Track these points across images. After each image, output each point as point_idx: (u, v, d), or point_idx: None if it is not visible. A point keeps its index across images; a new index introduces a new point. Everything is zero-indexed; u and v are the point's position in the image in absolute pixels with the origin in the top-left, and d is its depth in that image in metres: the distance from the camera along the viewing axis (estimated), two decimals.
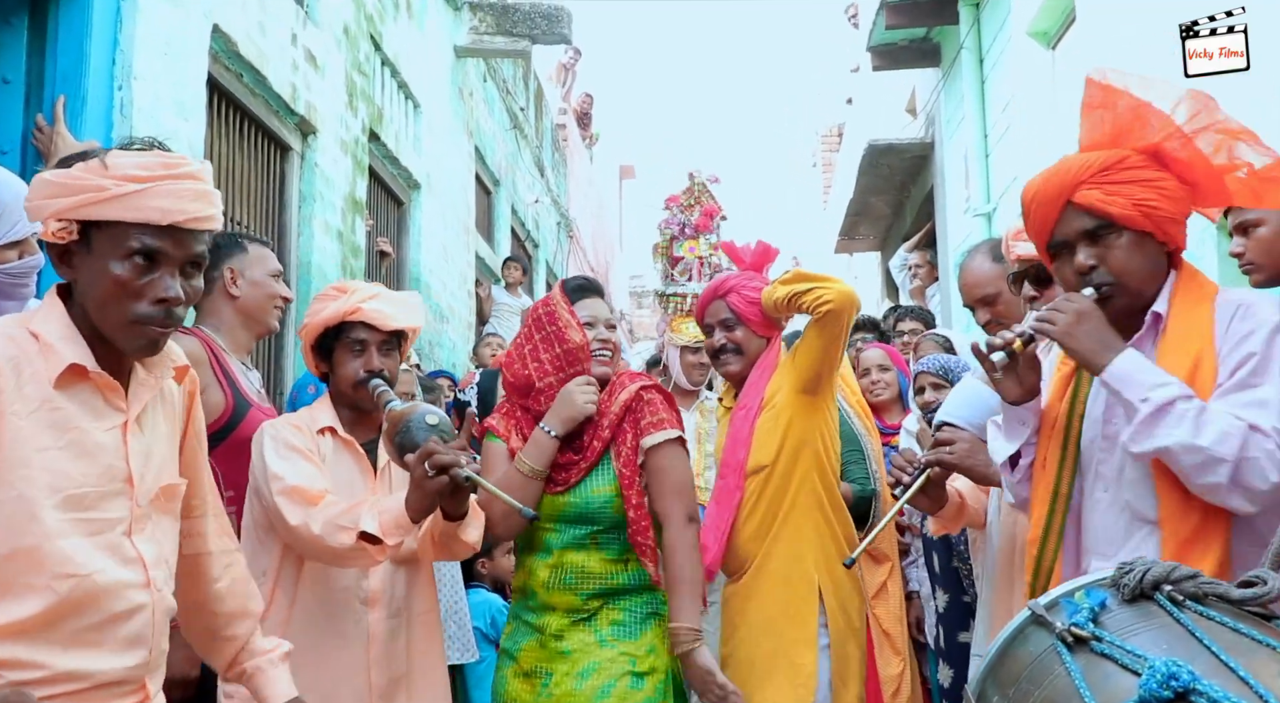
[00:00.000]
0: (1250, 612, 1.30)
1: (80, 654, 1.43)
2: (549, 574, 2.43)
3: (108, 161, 1.47)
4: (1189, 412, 1.61)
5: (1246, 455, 1.57)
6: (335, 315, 2.34)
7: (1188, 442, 1.59)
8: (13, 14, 2.98)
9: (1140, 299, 1.78)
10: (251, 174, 4.36)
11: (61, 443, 1.45)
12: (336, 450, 2.35)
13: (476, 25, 7.63)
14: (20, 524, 1.40)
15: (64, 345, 1.48)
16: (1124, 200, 1.73)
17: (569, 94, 14.89)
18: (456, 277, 7.51)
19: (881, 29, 8.54)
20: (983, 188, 7.60)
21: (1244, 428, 1.58)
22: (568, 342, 2.47)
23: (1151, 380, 1.65)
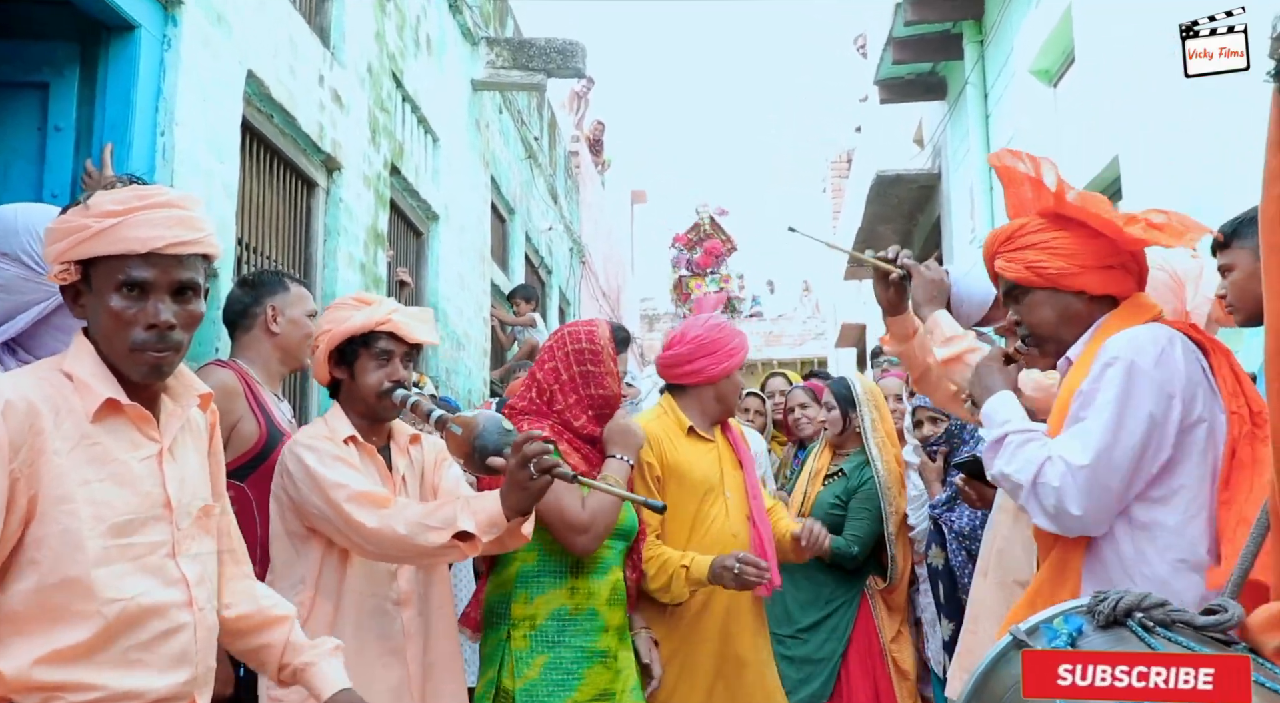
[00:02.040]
0: (1212, 637, 1.43)
1: (132, 674, 1.51)
2: (609, 592, 2.54)
3: (89, 202, 1.56)
4: (1012, 444, 1.90)
5: (1038, 481, 1.82)
6: (365, 325, 2.36)
7: (1003, 469, 1.91)
8: (65, 66, 3.15)
9: (1061, 346, 2.02)
10: (281, 210, 4.53)
11: (102, 475, 1.53)
12: (360, 459, 2.37)
13: (493, 60, 7.81)
14: (67, 556, 1.48)
15: (97, 382, 1.57)
16: (1017, 266, 2.01)
17: (582, 122, 15.10)
18: (473, 305, 7.66)
19: (889, 63, 8.71)
20: (987, 219, 7.74)
21: (1043, 457, 1.83)
22: (605, 389, 2.61)
23: (1000, 418, 1.96)
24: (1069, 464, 1.79)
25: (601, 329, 2.68)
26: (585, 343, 2.63)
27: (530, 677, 2.43)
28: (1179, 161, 4.56)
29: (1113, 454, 1.78)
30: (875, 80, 9.37)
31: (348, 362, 2.41)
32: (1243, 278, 2.20)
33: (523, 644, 2.46)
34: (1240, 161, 3.96)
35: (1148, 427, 1.79)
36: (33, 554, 1.48)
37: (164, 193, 1.61)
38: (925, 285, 2.47)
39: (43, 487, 1.48)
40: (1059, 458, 1.81)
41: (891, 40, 8.39)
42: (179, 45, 3.37)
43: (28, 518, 1.48)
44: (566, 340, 2.65)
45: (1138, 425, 1.78)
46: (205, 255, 1.65)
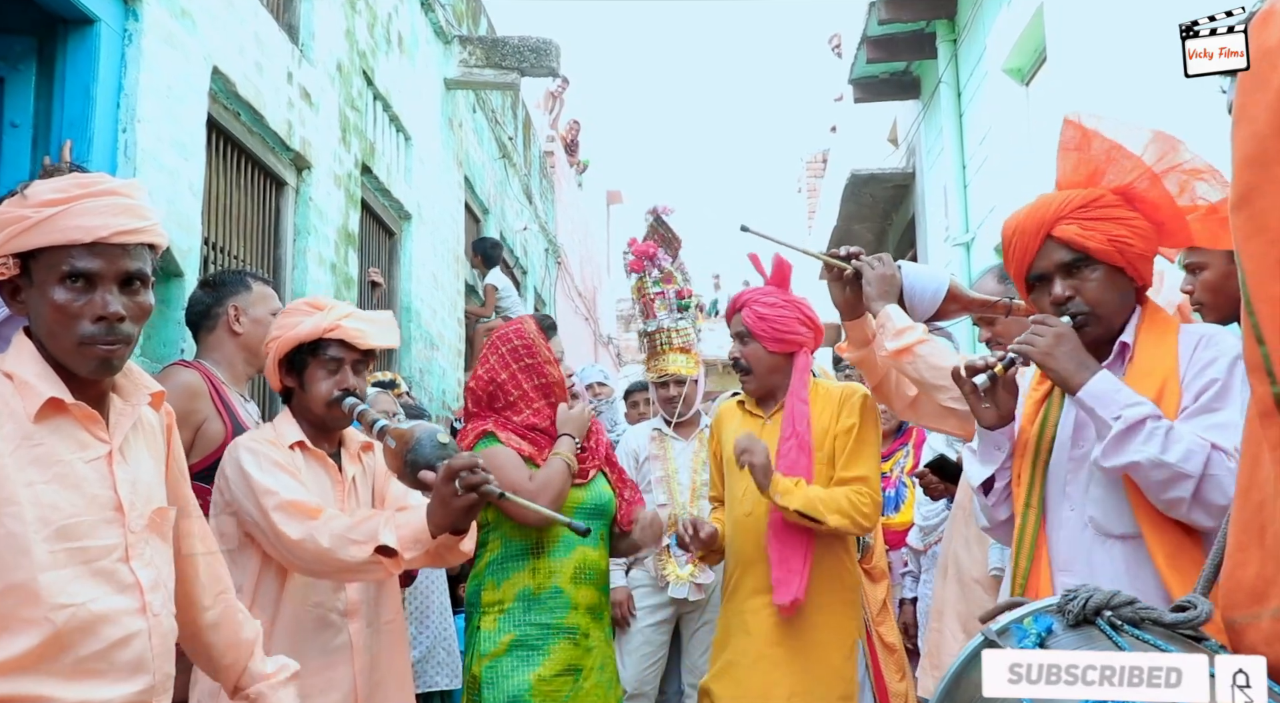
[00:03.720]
0: (1183, 634, 1.42)
1: (85, 685, 1.45)
2: (574, 571, 2.63)
3: (26, 192, 1.50)
4: (1159, 430, 1.71)
5: (1209, 473, 1.67)
6: (313, 331, 2.29)
7: (1156, 457, 1.69)
8: (21, 60, 3.08)
9: (1110, 330, 1.90)
10: (248, 210, 4.47)
11: (47, 477, 1.47)
12: (307, 464, 2.32)
13: (466, 58, 7.76)
14: (12, 560, 1.42)
15: (39, 381, 1.50)
16: (1100, 236, 1.85)
17: (556, 122, 15.05)
18: (447, 305, 7.61)
19: (863, 62, 8.74)
20: (962, 217, 7.78)
21: (1208, 446, 1.69)
22: (548, 376, 2.75)
23: (1124, 400, 1.75)
24: (1235, 453, 1.65)
25: (528, 324, 2.82)
26: (517, 340, 2.76)
27: (496, 654, 2.56)
28: None
29: None
30: (850, 79, 9.40)
31: (297, 370, 2.35)
32: (1215, 278, 2.19)
33: (491, 626, 2.59)
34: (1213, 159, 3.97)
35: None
36: None
37: (106, 180, 1.55)
38: (876, 280, 2.44)
39: None
40: (1233, 451, 1.65)
41: (865, 39, 8.42)
42: (140, 40, 3.31)
43: None
44: (499, 343, 2.79)
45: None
46: (152, 245, 1.59)
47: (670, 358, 4.17)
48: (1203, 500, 1.68)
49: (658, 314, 4.23)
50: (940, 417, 2.47)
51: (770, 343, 2.83)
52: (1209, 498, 1.68)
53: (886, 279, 2.43)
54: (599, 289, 17.63)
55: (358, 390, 2.34)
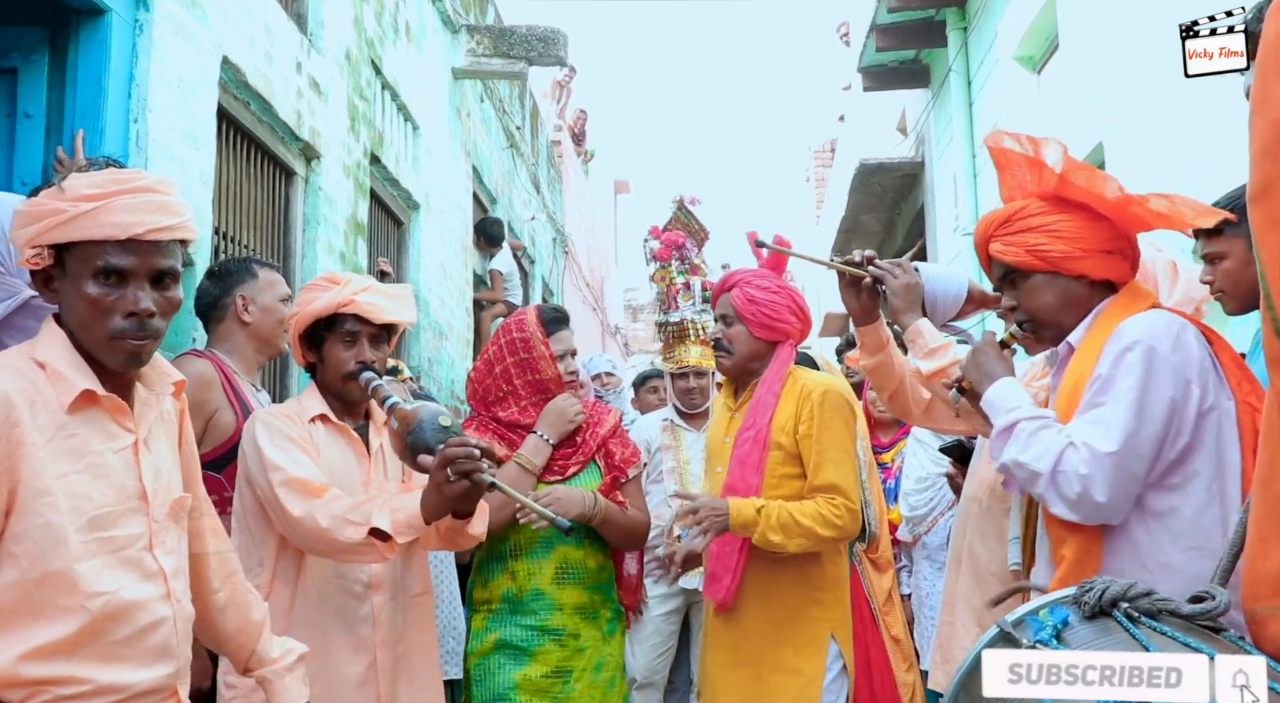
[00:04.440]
0: (1201, 625, 1.42)
1: (116, 668, 1.50)
2: (555, 571, 2.56)
3: (64, 185, 1.51)
4: (1024, 431, 1.82)
5: (1058, 469, 1.75)
6: (328, 306, 2.31)
7: (1016, 457, 1.82)
8: (34, 51, 3.08)
9: (1061, 331, 1.97)
10: (258, 199, 4.47)
11: (79, 467, 1.50)
12: (330, 437, 2.34)
13: (474, 48, 7.75)
14: (48, 550, 1.46)
15: (72, 372, 1.53)
16: (1018, 249, 1.95)
17: (564, 111, 15.02)
18: (455, 294, 7.61)
19: (872, 51, 8.70)
20: (971, 207, 7.75)
21: (1063, 444, 1.76)
22: (540, 373, 2.66)
23: (1007, 405, 1.88)
24: (1094, 451, 1.74)
25: (529, 316, 2.71)
26: (515, 333, 2.68)
27: (483, 652, 2.56)
28: (1164, 148, 4.56)
29: (1138, 440, 1.74)
30: (858, 68, 9.37)
31: (316, 344, 2.37)
32: (1236, 266, 2.18)
33: (480, 625, 2.60)
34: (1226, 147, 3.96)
35: (1169, 412, 1.75)
36: (11, 548, 1.45)
37: (142, 176, 1.57)
38: (901, 292, 2.37)
39: (22, 480, 1.45)
40: (1082, 445, 1.75)
41: (874, 28, 8.38)
42: (151, 30, 3.30)
43: (7, 511, 1.45)
44: (500, 335, 2.71)
45: (1160, 411, 1.75)
46: (183, 240, 1.62)
47: (691, 349, 4.17)
48: (1056, 494, 1.76)
49: (681, 305, 4.23)
50: (952, 420, 2.48)
51: (757, 328, 2.71)
52: (1059, 492, 1.76)
53: (911, 289, 2.37)
54: (606, 279, 17.62)
55: (376, 364, 2.36)
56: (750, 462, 2.61)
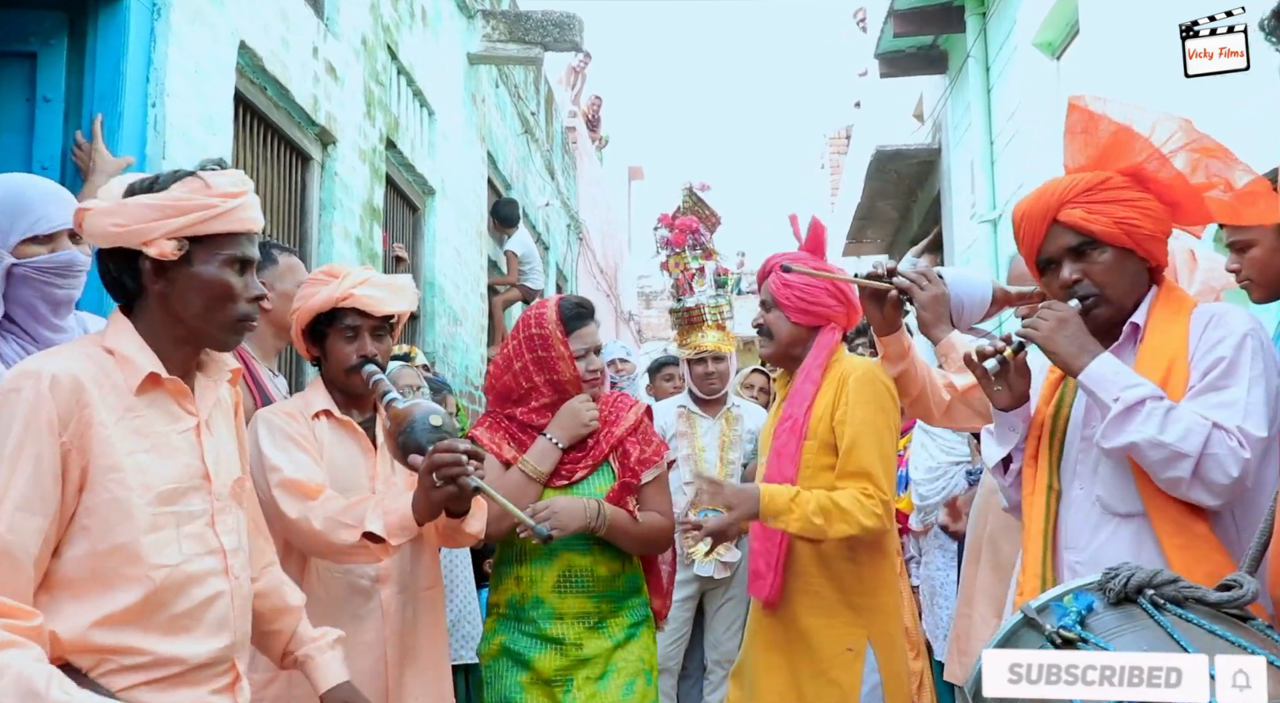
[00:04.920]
0: (1228, 614, 1.41)
1: (175, 640, 1.58)
2: (557, 579, 2.47)
3: (209, 181, 1.65)
4: (1157, 410, 1.72)
5: (1208, 452, 1.67)
6: (327, 301, 2.33)
7: (1154, 438, 1.70)
8: (53, 36, 3.09)
9: (1122, 311, 1.90)
10: (275, 184, 4.48)
11: (146, 446, 1.59)
12: (334, 432, 2.35)
13: (489, 33, 7.73)
14: (117, 523, 1.54)
15: (140, 357, 1.63)
16: (1106, 219, 1.86)
17: (579, 97, 14.98)
18: (470, 280, 7.62)
19: (889, 37, 8.63)
20: (989, 194, 7.69)
21: (1208, 425, 1.69)
22: (559, 374, 2.52)
23: (1124, 381, 1.77)
24: (1248, 436, 1.68)
25: (549, 311, 2.57)
26: (535, 329, 2.54)
27: (491, 654, 2.51)
28: None
29: (1273, 428, 1.72)
30: (875, 54, 9.28)
31: (319, 339, 2.39)
32: (1265, 253, 2.15)
33: (490, 626, 2.55)
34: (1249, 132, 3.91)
35: (1278, 400, 1.74)
36: (84, 522, 1.54)
37: (246, 178, 1.73)
38: (929, 304, 2.31)
39: (93, 457, 1.53)
40: (1234, 429, 1.68)
41: (892, 13, 8.31)
42: (169, 15, 3.31)
43: (80, 487, 1.53)
44: (520, 328, 2.59)
45: (1276, 399, 1.74)
46: None
47: (708, 334, 4.16)
48: (1203, 479, 1.69)
49: (695, 290, 4.22)
50: (972, 419, 2.45)
51: (795, 313, 2.61)
52: (1209, 477, 1.68)
53: (939, 301, 2.31)
54: (620, 265, 17.60)
55: (378, 357, 2.37)
56: (786, 453, 2.54)
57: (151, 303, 1.66)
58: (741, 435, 4.11)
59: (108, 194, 1.66)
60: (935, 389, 2.43)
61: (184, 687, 1.58)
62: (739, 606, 3.96)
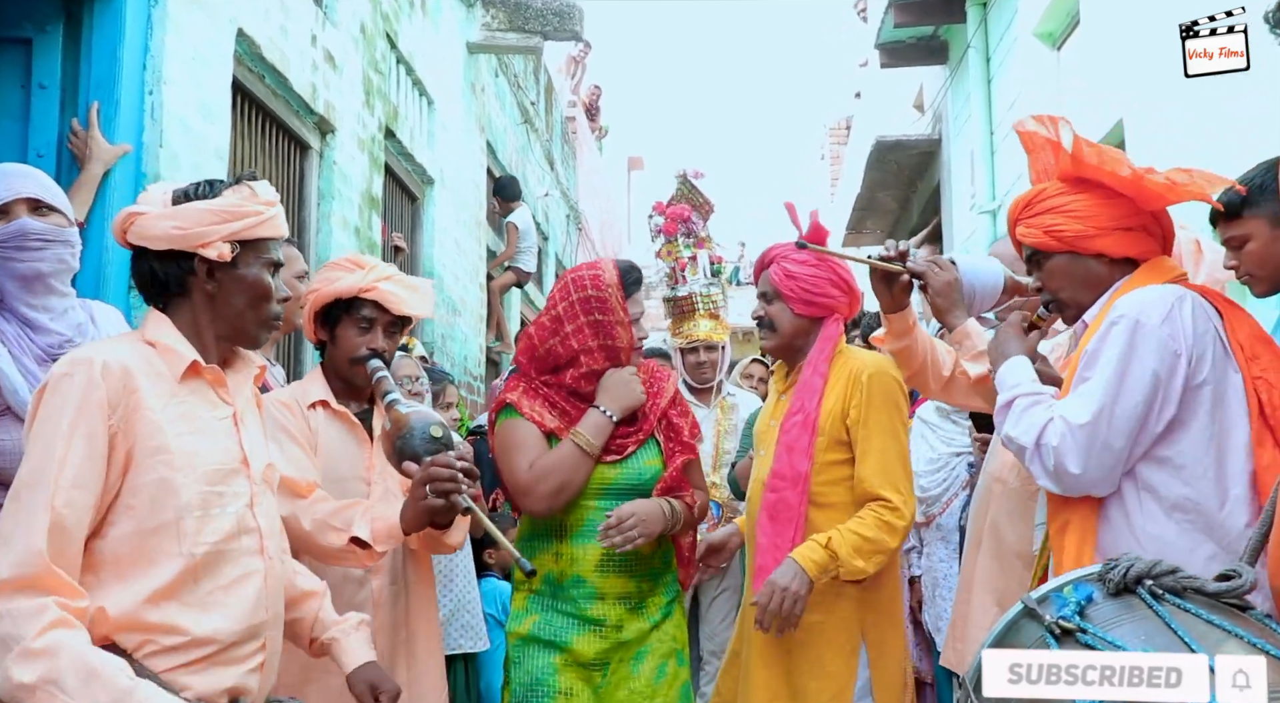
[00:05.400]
0: (1226, 603, 1.41)
1: (212, 616, 1.63)
2: (600, 557, 2.38)
3: (256, 188, 1.77)
4: (1019, 406, 1.89)
5: (1041, 442, 1.82)
6: (350, 289, 2.32)
7: (1008, 432, 1.89)
8: (49, 22, 3.07)
9: (1080, 310, 2.01)
10: (273, 173, 4.46)
11: (191, 429, 1.67)
12: (330, 423, 2.33)
13: (489, 22, 7.70)
14: (164, 501, 1.61)
15: (181, 347, 1.71)
16: (1038, 230, 2.00)
17: (578, 87, 14.94)
18: (469, 270, 7.61)
19: (890, 27, 8.61)
20: (988, 185, 7.68)
21: (1047, 419, 1.83)
22: (615, 339, 2.42)
23: (1010, 382, 1.95)
24: (1068, 424, 1.79)
25: (608, 273, 2.44)
26: (591, 289, 2.41)
27: (520, 633, 2.42)
28: (1184, 125, 4.51)
29: (1114, 412, 1.77)
30: (876, 44, 9.26)
31: (330, 324, 2.38)
32: (1260, 246, 2.14)
33: (520, 605, 2.46)
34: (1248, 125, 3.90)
35: (1151, 384, 1.77)
36: (129, 501, 1.60)
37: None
38: (943, 291, 2.32)
39: (138, 440, 1.60)
40: (1059, 418, 1.81)
41: (892, 3, 8.29)
42: (167, 2, 3.29)
43: (125, 469, 1.60)
44: (571, 288, 2.44)
45: (1140, 383, 1.77)
46: None
47: (700, 323, 4.14)
48: (1040, 467, 1.82)
49: (688, 279, 4.19)
50: (969, 397, 2.46)
51: (798, 305, 2.55)
52: (1043, 465, 1.82)
53: (953, 286, 2.34)
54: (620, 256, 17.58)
55: (386, 354, 2.37)
56: (799, 447, 2.47)
57: (196, 301, 1.75)
58: (737, 425, 4.09)
59: (151, 200, 1.74)
60: (937, 365, 2.43)
61: (221, 667, 1.64)
62: (734, 597, 3.96)
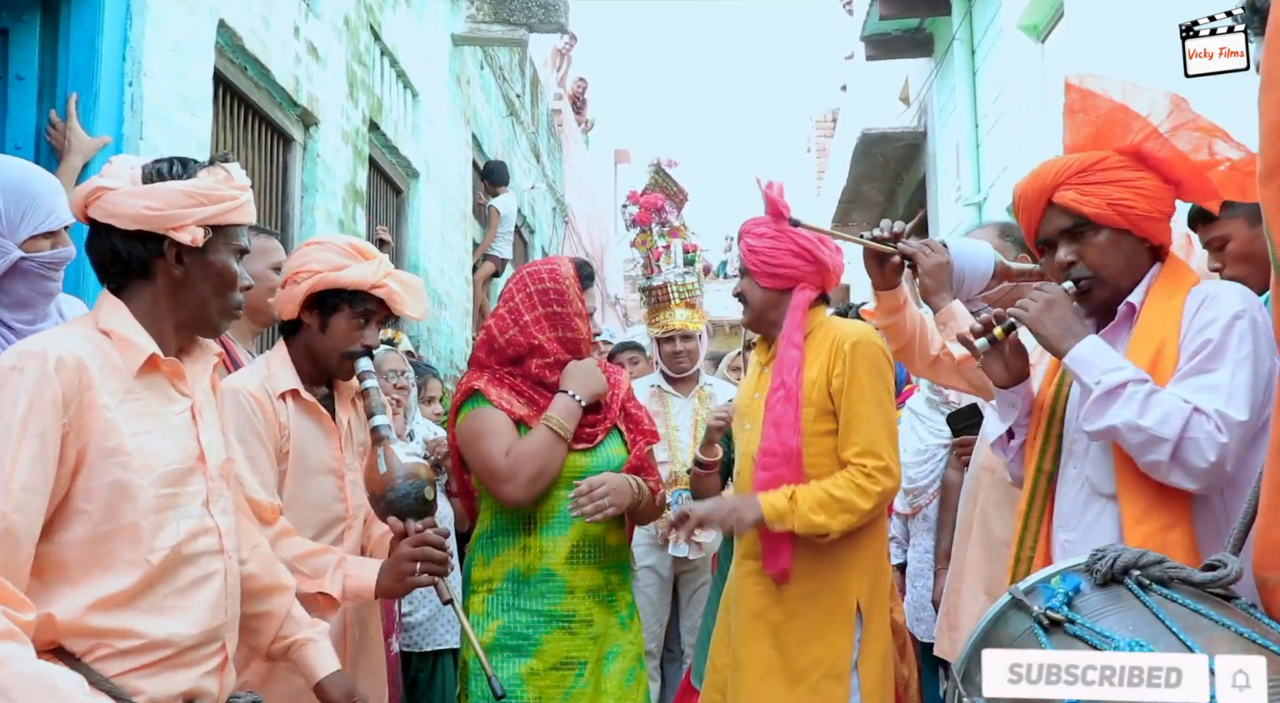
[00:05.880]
0: (1212, 593, 1.41)
1: (168, 620, 1.56)
2: (570, 549, 2.36)
3: (230, 170, 1.69)
4: (1138, 394, 1.71)
5: (1187, 436, 1.66)
6: (360, 281, 2.22)
7: (1132, 421, 1.70)
8: (25, 11, 3.03)
9: (1119, 292, 1.89)
10: (256, 166, 4.43)
11: (148, 427, 1.59)
12: (299, 415, 2.22)
13: (474, 14, 7.66)
14: (118, 506, 1.53)
15: (139, 338, 1.62)
16: (1099, 200, 1.84)
17: (564, 79, 14.89)
18: (455, 264, 7.57)
19: (875, 19, 8.61)
20: (974, 177, 7.70)
21: (1188, 410, 1.68)
22: (574, 330, 2.43)
23: (1107, 365, 1.76)
24: (1227, 420, 1.66)
25: (564, 267, 2.48)
26: (549, 282, 2.44)
27: (483, 642, 2.30)
28: None
29: (1259, 410, 1.69)
30: (861, 36, 9.27)
31: (324, 310, 2.25)
32: (1241, 246, 2.15)
33: (479, 609, 2.38)
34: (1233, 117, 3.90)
35: (1270, 382, 1.71)
36: (81, 505, 1.51)
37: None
38: (933, 272, 2.31)
39: (92, 440, 1.52)
40: (1214, 413, 1.67)
41: None
42: None
43: (75, 470, 1.51)
44: (527, 281, 2.46)
45: (1267, 381, 1.71)
46: None
47: (676, 313, 4.13)
48: (1181, 463, 1.68)
49: (663, 268, 4.18)
50: (955, 378, 2.45)
51: (762, 278, 2.56)
52: (1187, 460, 1.68)
53: (943, 268, 2.32)
54: (606, 249, 17.54)
55: (373, 350, 2.29)
56: (786, 421, 2.46)
57: (159, 286, 1.66)
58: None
59: (118, 175, 1.64)
60: (924, 343, 2.43)
61: (177, 670, 1.57)
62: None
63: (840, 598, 2.45)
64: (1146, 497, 1.74)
